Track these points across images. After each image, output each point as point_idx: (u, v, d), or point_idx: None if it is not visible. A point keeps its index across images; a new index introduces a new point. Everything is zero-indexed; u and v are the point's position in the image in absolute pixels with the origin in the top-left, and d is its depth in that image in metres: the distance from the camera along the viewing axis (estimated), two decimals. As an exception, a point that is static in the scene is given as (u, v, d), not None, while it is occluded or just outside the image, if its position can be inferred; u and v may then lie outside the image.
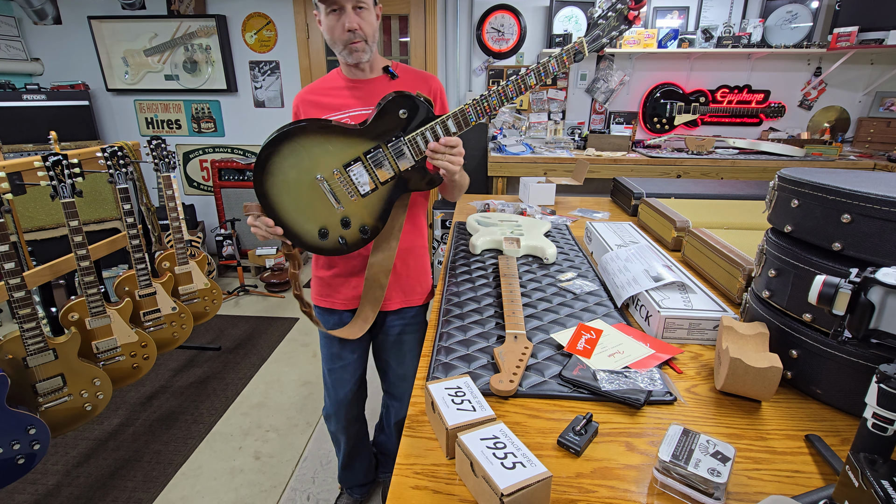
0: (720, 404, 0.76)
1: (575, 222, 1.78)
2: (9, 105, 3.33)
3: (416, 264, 1.40)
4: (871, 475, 0.46)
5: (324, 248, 1.08)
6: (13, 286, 1.52)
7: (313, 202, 1.04)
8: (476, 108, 1.00)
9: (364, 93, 1.26)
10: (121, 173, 1.99)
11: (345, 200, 1.05)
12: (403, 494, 0.60)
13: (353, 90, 1.27)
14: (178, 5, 3.61)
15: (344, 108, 1.26)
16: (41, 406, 1.63)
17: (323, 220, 1.05)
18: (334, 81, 1.30)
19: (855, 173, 0.84)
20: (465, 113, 1.00)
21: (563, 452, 0.66)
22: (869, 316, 0.53)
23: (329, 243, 1.06)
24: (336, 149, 1.03)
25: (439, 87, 1.33)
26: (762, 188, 1.90)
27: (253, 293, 3.58)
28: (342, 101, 1.26)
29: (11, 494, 1.75)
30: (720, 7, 3.28)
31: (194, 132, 3.96)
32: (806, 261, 0.75)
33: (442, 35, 3.54)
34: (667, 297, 0.98)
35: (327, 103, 1.26)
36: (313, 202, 1.04)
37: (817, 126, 3.48)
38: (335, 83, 1.29)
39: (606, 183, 3.16)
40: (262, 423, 2.16)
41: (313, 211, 1.04)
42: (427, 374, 0.84)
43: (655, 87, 3.50)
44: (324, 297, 1.38)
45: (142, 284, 2.08)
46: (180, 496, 1.77)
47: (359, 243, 1.06)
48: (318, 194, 1.03)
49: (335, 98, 1.27)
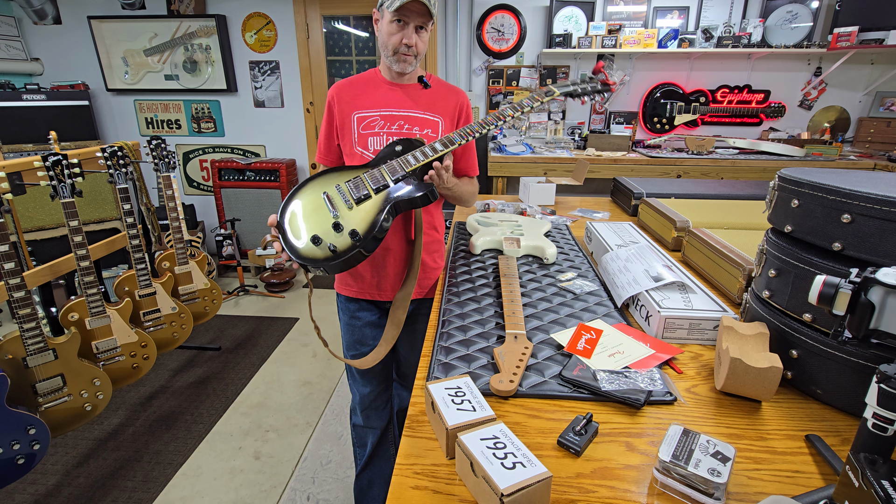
0: (720, 404, 0.76)
1: (575, 222, 1.78)
2: (9, 105, 3.33)
3: (432, 260, 1.44)
4: (872, 475, 0.46)
5: (316, 256, 1.08)
6: (13, 286, 1.52)
7: (313, 213, 1.13)
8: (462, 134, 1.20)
9: (398, 95, 1.33)
10: (121, 173, 1.99)
11: (340, 208, 1.13)
12: (403, 494, 0.60)
13: (390, 91, 1.33)
14: (178, 5, 3.61)
15: (378, 107, 1.32)
16: (41, 406, 1.63)
17: (317, 227, 1.11)
18: (373, 79, 1.35)
19: (855, 173, 0.84)
20: (450, 138, 1.19)
21: (563, 452, 0.66)
22: (869, 316, 0.53)
23: (320, 251, 1.09)
24: (344, 175, 1.18)
25: (466, 101, 1.39)
26: (762, 188, 1.90)
27: (253, 293, 3.58)
28: (377, 99, 1.32)
29: (11, 494, 1.75)
30: (720, 7, 3.28)
31: (194, 132, 3.96)
32: (806, 261, 0.75)
33: (442, 35, 3.54)
34: (667, 297, 0.98)
35: (364, 98, 1.32)
36: (313, 213, 1.13)
37: (817, 126, 3.48)
38: (373, 81, 1.35)
39: (606, 183, 3.16)
40: (262, 423, 2.16)
41: (311, 221, 1.12)
42: (427, 374, 0.84)
43: (655, 87, 3.50)
44: (346, 286, 1.43)
45: (142, 284, 2.08)
46: (180, 496, 1.77)
47: (348, 249, 1.07)
48: (319, 206, 1.13)
49: (371, 94, 1.32)
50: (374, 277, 1.38)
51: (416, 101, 1.33)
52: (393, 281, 1.37)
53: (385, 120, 1.30)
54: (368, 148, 1.30)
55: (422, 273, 1.41)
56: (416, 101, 1.33)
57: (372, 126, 1.30)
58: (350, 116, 1.30)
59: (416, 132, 1.31)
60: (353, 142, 1.30)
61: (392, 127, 1.30)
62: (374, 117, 1.30)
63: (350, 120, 1.30)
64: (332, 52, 3.75)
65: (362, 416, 1.53)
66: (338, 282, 1.44)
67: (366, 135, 1.30)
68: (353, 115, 1.30)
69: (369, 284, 1.39)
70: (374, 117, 1.30)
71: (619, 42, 3.21)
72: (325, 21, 3.66)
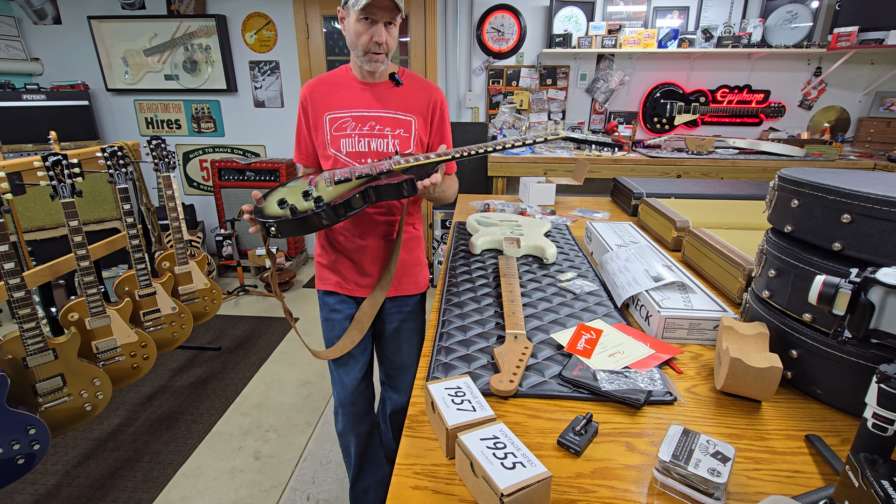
0: (720, 404, 0.76)
1: (575, 222, 1.78)
2: (9, 105, 3.33)
3: (409, 256, 1.43)
4: (872, 475, 0.46)
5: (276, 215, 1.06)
6: (13, 286, 1.52)
7: (292, 188, 1.15)
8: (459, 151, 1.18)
9: (370, 95, 1.31)
10: (121, 173, 1.99)
11: (320, 186, 1.13)
12: (403, 494, 0.60)
13: (361, 91, 1.31)
14: (178, 5, 3.61)
15: (349, 107, 1.30)
16: (41, 406, 1.63)
17: (288, 195, 1.12)
18: (344, 78, 1.33)
19: (855, 173, 0.84)
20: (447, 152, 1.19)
21: (563, 452, 0.66)
22: (869, 316, 0.53)
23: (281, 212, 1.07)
24: None
25: (440, 98, 1.36)
26: (762, 188, 1.90)
27: (253, 293, 3.58)
28: (349, 99, 1.30)
29: (11, 494, 1.75)
30: (720, 7, 3.28)
31: (194, 132, 3.96)
32: (806, 261, 0.75)
33: (442, 35, 3.54)
34: (667, 297, 0.98)
35: (335, 98, 1.30)
36: (292, 188, 1.15)
37: (817, 126, 3.48)
38: (345, 80, 1.33)
39: (606, 183, 3.16)
40: (262, 423, 2.16)
41: (286, 191, 1.13)
42: (427, 374, 0.84)
43: (655, 87, 3.50)
44: (323, 280, 1.44)
45: (142, 284, 2.08)
46: (180, 496, 1.77)
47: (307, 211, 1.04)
48: (301, 185, 1.14)
49: (342, 94, 1.31)
50: (351, 273, 1.39)
51: (388, 101, 1.31)
52: (371, 278, 1.38)
53: (356, 121, 1.29)
54: (341, 150, 1.30)
55: (401, 268, 1.41)
56: (387, 101, 1.31)
57: (344, 128, 1.29)
58: (322, 117, 1.30)
59: (388, 133, 1.30)
60: (326, 143, 1.30)
61: (363, 128, 1.29)
62: (345, 118, 1.29)
63: (322, 120, 1.30)
64: (332, 52, 3.75)
65: (342, 421, 1.51)
66: (317, 278, 1.45)
67: (338, 136, 1.29)
68: (325, 115, 1.30)
69: (347, 280, 1.39)
70: (346, 118, 1.29)
71: (619, 42, 3.21)
72: (325, 21, 3.66)
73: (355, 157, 1.29)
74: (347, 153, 1.29)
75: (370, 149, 1.30)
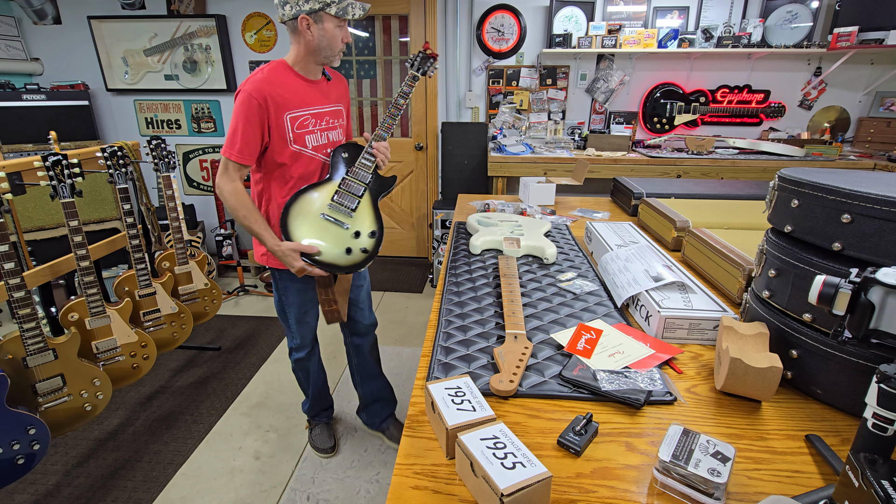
0: (720, 404, 0.76)
1: (575, 222, 1.78)
2: (9, 105, 3.33)
3: None
4: (872, 475, 0.46)
5: (355, 262, 1.42)
6: (13, 286, 1.52)
7: (328, 235, 1.41)
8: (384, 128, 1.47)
9: (318, 92, 1.47)
10: (121, 173, 1.99)
11: (345, 220, 1.42)
12: (403, 494, 0.60)
13: (310, 89, 1.45)
14: (178, 5, 3.61)
15: (305, 105, 1.43)
16: (41, 406, 1.63)
17: (342, 243, 1.41)
18: (288, 77, 1.42)
19: (855, 173, 0.84)
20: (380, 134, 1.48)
21: (563, 452, 0.66)
22: (869, 316, 0.53)
23: (355, 257, 1.41)
24: (320, 194, 1.43)
25: (346, 83, 1.62)
26: (762, 188, 1.90)
27: (253, 293, 3.58)
28: (302, 98, 1.42)
29: (11, 494, 1.75)
30: (720, 7, 3.28)
31: (194, 132, 3.95)
32: (806, 261, 0.75)
33: (442, 35, 3.54)
34: (667, 297, 0.98)
35: (291, 97, 1.40)
36: (328, 235, 1.41)
37: (817, 126, 3.48)
38: (290, 80, 1.42)
39: (606, 183, 3.16)
40: (262, 423, 2.16)
41: (332, 240, 1.41)
42: (427, 374, 0.84)
43: (655, 87, 3.50)
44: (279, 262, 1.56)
45: (142, 284, 2.08)
46: (180, 496, 1.77)
47: (376, 245, 1.42)
48: (327, 227, 1.41)
49: (296, 94, 1.42)
50: None
51: (328, 96, 1.50)
52: None
53: (315, 118, 1.45)
54: (307, 145, 1.45)
55: None
56: (328, 96, 1.50)
57: (306, 125, 1.43)
58: (283, 116, 1.38)
59: (336, 124, 1.52)
60: (289, 140, 1.40)
61: (321, 123, 1.47)
62: (305, 116, 1.42)
63: (283, 120, 1.38)
64: (332, 52, 3.74)
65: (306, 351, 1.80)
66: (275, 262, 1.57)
67: (301, 133, 1.42)
68: (285, 115, 1.38)
69: None
70: (305, 116, 1.43)
71: (618, 42, 3.21)
72: (325, 21, 3.65)
73: (319, 149, 1.47)
74: (313, 147, 1.46)
75: (329, 140, 1.50)
